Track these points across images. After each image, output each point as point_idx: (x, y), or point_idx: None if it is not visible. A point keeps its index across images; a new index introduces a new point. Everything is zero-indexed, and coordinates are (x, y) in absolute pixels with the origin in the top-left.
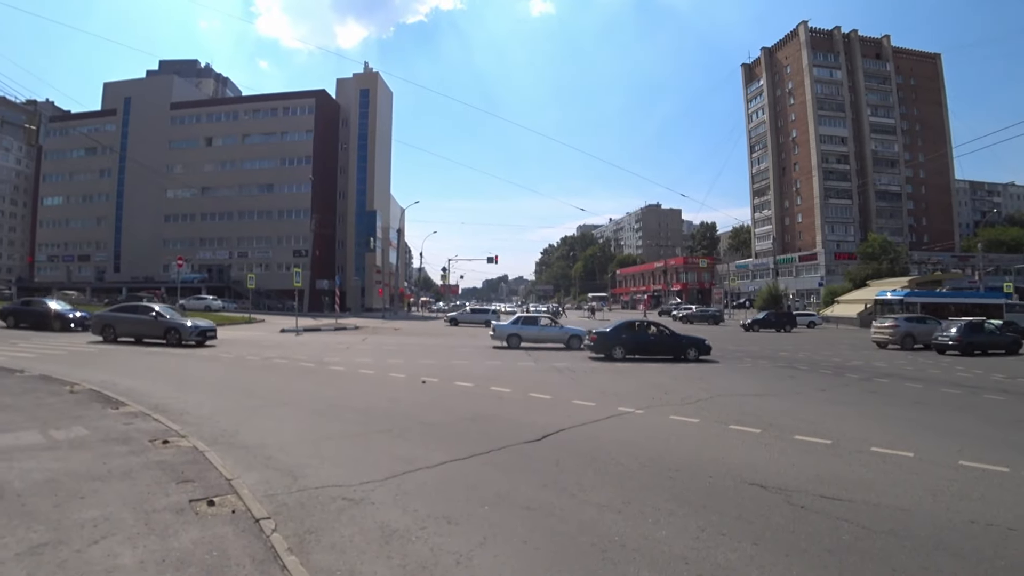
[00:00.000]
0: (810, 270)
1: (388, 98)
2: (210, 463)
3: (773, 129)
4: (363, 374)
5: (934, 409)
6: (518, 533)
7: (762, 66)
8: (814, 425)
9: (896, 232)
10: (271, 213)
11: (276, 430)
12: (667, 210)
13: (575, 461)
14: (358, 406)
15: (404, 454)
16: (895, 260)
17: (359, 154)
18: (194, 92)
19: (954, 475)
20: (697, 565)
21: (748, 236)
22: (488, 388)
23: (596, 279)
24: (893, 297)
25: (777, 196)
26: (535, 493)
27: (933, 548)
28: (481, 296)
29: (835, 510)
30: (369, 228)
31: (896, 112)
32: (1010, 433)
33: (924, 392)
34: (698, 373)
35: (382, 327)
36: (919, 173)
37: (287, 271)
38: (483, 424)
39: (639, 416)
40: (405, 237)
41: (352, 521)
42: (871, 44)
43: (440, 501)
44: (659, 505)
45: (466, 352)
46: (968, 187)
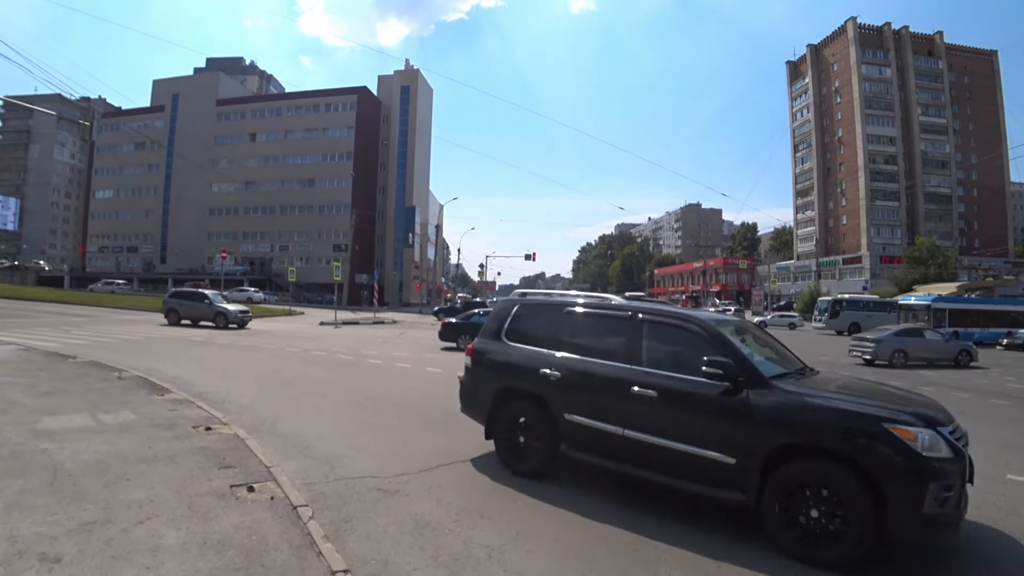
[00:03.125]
0: (854, 273)
1: (428, 95)
2: (250, 450)
3: (818, 128)
4: (400, 368)
5: (981, 419)
6: (551, 530)
7: (808, 63)
8: None
9: (945, 236)
10: (312, 208)
11: (314, 420)
12: (707, 210)
13: None
14: (394, 399)
15: (439, 447)
16: (943, 265)
17: (399, 150)
18: (239, 89)
19: (1002, 489)
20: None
21: (790, 237)
22: None
23: (634, 278)
24: (918, 303)
25: (821, 197)
26: (568, 490)
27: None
28: None
29: None
30: (408, 224)
31: (948, 111)
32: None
33: (970, 402)
34: None
35: (419, 322)
36: (971, 175)
37: (327, 265)
38: None
39: None
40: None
41: (387, 512)
42: (923, 41)
43: (473, 494)
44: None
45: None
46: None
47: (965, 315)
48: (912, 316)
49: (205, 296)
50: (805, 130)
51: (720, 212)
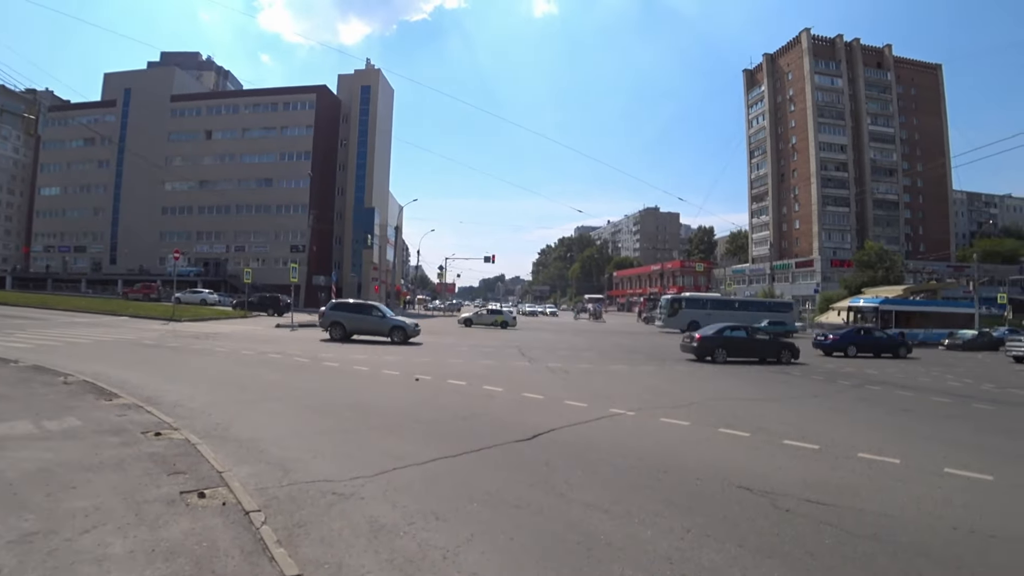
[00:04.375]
0: (806, 276)
1: (389, 95)
2: (202, 456)
3: (773, 135)
4: (357, 370)
5: (922, 417)
6: (505, 530)
7: (764, 72)
8: (803, 430)
9: (892, 241)
10: (269, 208)
11: (269, 424)
12: (665, 213)
13: (564, 461)
14: (351, 402)
15: (395, 450)
16: (891, 268)
17: (359, 151)
18: (195, 85)
19: (939, 482)
20: (681, 565)
21: (745, 241)
22: (481, 387)
23: (593, 280)
24: (867, 305)
25: (775, 202)
26: (523, 491)
27: (915, 554)
28: (477, 295)
29: (820, 514)
30: (367, 225)
31: (896, 121)
32: (997, 441)
33: (914, 400)
34: (693, 377)
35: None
36: (917, 182)
37: (284, 266)
38: (474, 422)
39: (630, 418)
40: (403, 235)
41: (341, 515)
42: (873, 53)
43: (429, 497)
44: (646, 506)
45: (461, 351)
46: (965, 198)
47: (910, 317)
48: (861, 318)
49: (375, 308)
50: (760, 137)
51: (678, 216)
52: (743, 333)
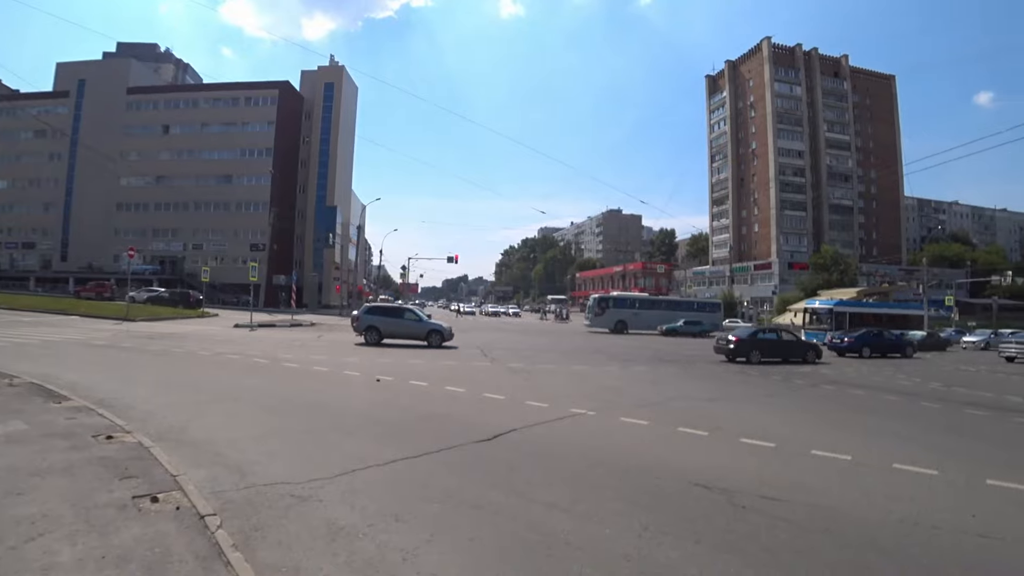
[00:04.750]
0: (765, 279)
1: (353, 93)
2: (155, 459)
3: (734, 140)
4: (317, 371)
5: (873, 414)
6: (465, 531)
7: (725, 78)
8: (760, 429)
9: (847, 244)
10: (228, 205)
11: (225, 426)
12: (628, 215)
13: (525, 461)
14: (310, 403)
15: (355, 452)
16: (845, 271)
17: (321, 148)
18: (152, 77)
19: (887, 477)
20: (639, 563)
21: (706, 244)
22: (443, 388)
23: (556, 282)
24: (822, 307)
25: (735, 206)
26: (484, 492)
27: (864, 546)
28: (440, 296)
29: (774, 510)
30: (329, 224)
31: (851, 129)
32: (942, 438)
33: (867, 399)
34: (654, 377)
35: (339, 324)
36: (870, 188)
37: (243, 265)
38: (436, 423)
39: (591, 418)
40: (365, 234)
41: (299, 518)
42: (830, 62)
43: (389, 499)
44: (605, 505)
45: (421, 352)
46: (916, 204)
47: (863, 318)
48: (816, 319)
49: (409, 311)
50: (721, 142)
51: (640, 218)
52: (774, 336)
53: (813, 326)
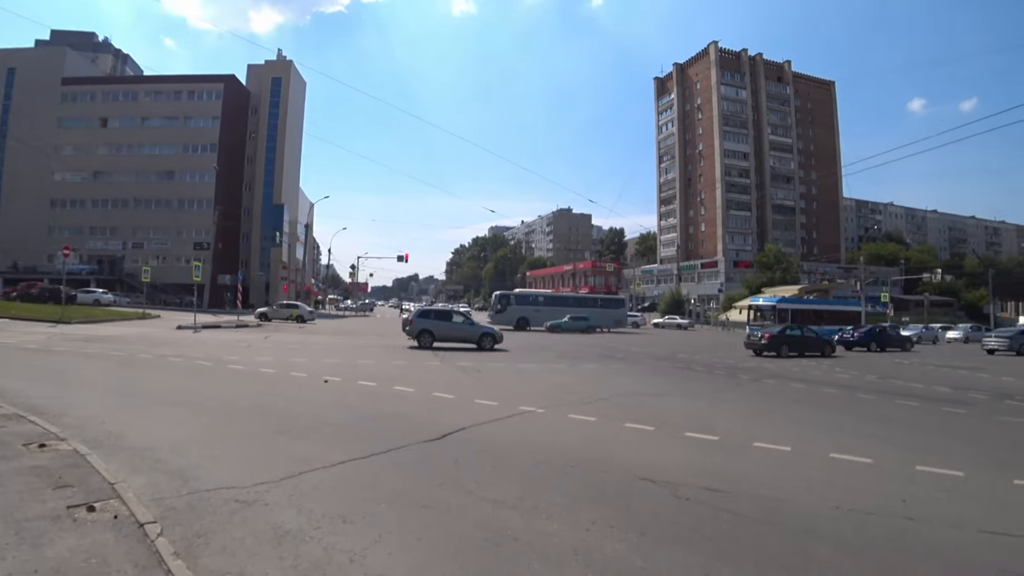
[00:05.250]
0: (711, 277)
1: (301, 88)
2: (92, 467)
3: (681, 141)
4: (264, 373)
5: (812, 407)
6: (413, 530)
7: (674, 81)
8: (704, 423)
9: (790, 243)
10: (171, 202)
11: (167, 431)
12: (578, 215)
13: (474, 459)
14: (256, 406)
15: (302, 454)
16: (788, 269)
17: (268, 145)
18: (89, 68)
19: (825, 467)
20: (586, 556)
21: (654, 243)
22: (392, 388)
23: (507, 280)
24: (766, 304)
25: (682, 205)
26: (432, 491)
27: (802, 532)
28: (391, 295)
29: (717, 501)
30: (276, 222)
31: (793, 132)
32: (876, 428)
33: (806, 392)
34: (602, 375)
35: (286, 325)
36: (811, 190)
37: (186, 264)
38: (384, 423)
39: (540, 415)
40: (313, 232)
41: (244, 523)
42: (774, 68)
43: (336, 501)
44: (553, 500)
45: (373, 352)
46: (854, 205)
47: (805, 315)
48: (760, 315)
49: (459, 314)
50: (670, 143)
51: (590, 217)
52: (799, 332)
53: (757, 322)
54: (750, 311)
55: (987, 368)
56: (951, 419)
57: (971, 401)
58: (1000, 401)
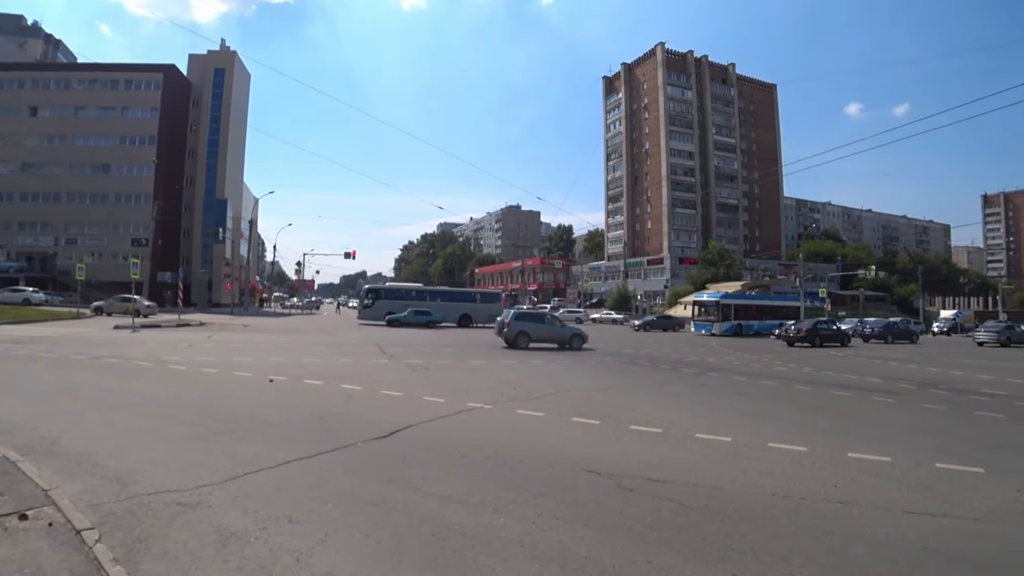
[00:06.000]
0: (657, 273)
1: (245, 80)
2: (24, 474)
3: (628, 140)
4: (206, 373)
5: (752, 399)
6: (360, 528)
7: (621, 80)
8: (649, 416)
9: (733, 241)
10: (107, 196)
11: (105, 435)
12: (526, 212)
13: (421, 456)
14: (199, 407)
15: (246, 455)
16: (731, 266)
17: (210, 138)
18: (17, 53)
19: (763, 456)
20: (532, 547)
21: (602, 240)
22: (338, 386)
23: (455, 277)
24: (710, 299)
25: (629, 203)
26: (379, 488)
27: (740, 519)
28: (339, 292)
29: (660, 491)
30: (219, 218)
31: (737, 132)
32: (812, 418)
33: (747, 384)
34: (550, 370)
35: (230, 323)
36: (754, 189)
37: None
38: (331, 422)
39: (487, 411)
40: (258, 229)
41: (187, 526)
42: (719, 69)
43: (282, 501)
44: (500, 494)
45: (318, 350)
46: (794, 204)
47: (747, 309)
48: (704, 311)
49: (551, 316)
50: (617, 141)
51: (539, 214)
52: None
53: (702, 317)
54: (695, 307)
55: (915, 360)
56: (880, 408)
57: (899, 391)
58: (925, 390)
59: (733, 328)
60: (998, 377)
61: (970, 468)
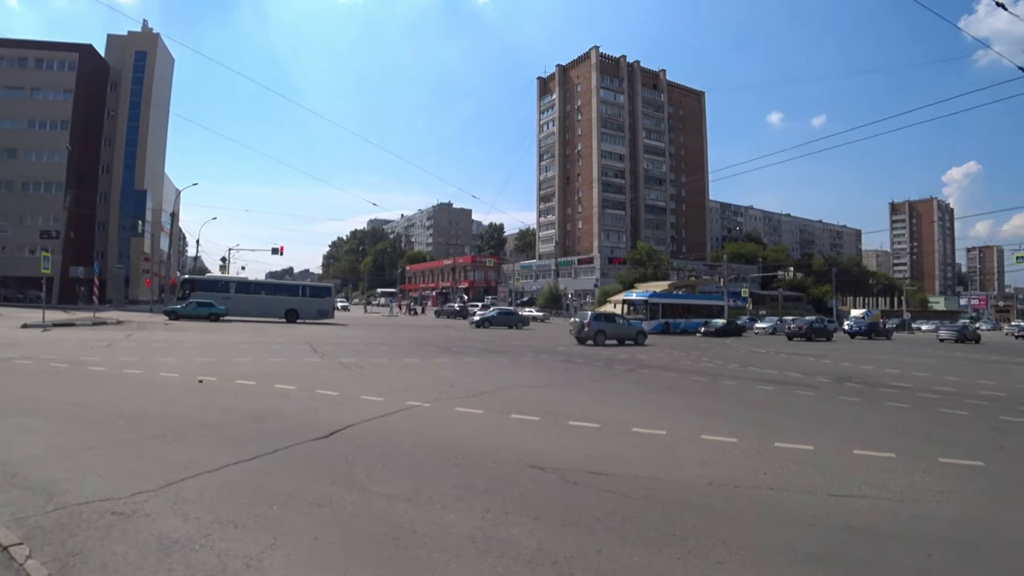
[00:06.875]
0: (587, 272)
1: (169, 65)
2: None
3: (561, 141)
4: (129, 374)
5: (683, 393)
6: (309, 530)
7: (556, 81)
8: (586, 411)
9: (660, 242)
10: (12, 184)
11: (22, 443)
12: (458, 209)
13: (364, 455)
14: (125, 410)
15: (182, 460)
16: (659, 266)
17: (130, 124)
18: None
19: (697, 447)
20: (483, 542)
21: (533, 239)
22: (272, 386)
23: (386, 274)
24: (638, 298)
25: (561, 203)
26: (325, 489)
27: (680, 507)
28: None
29: (603, 484)
30: (137, 210)
31: (666, 137)
32: (739, 411)
33: (677, 380)
34: (485, 368)
35: (151, 322)
36: (681, 192)
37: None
38: (268, 423)
39: (427, 409)
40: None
41: (124, 536)
42: (650, 75)
43: (224, 506)
44: (447, 492)
45: (247, 349)
46: (719, 207)
47: (674, 308)
48: (633, 309)
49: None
50: (550, 141)
51: (470, 212)
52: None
53: (631, 316)
54: (623, 305)
55: (830, 355)
56: (802, 400)
57: (818, 384)
58: (841, 384)
59: (661, 326)
60: (903, 371)
61: (883, 453)
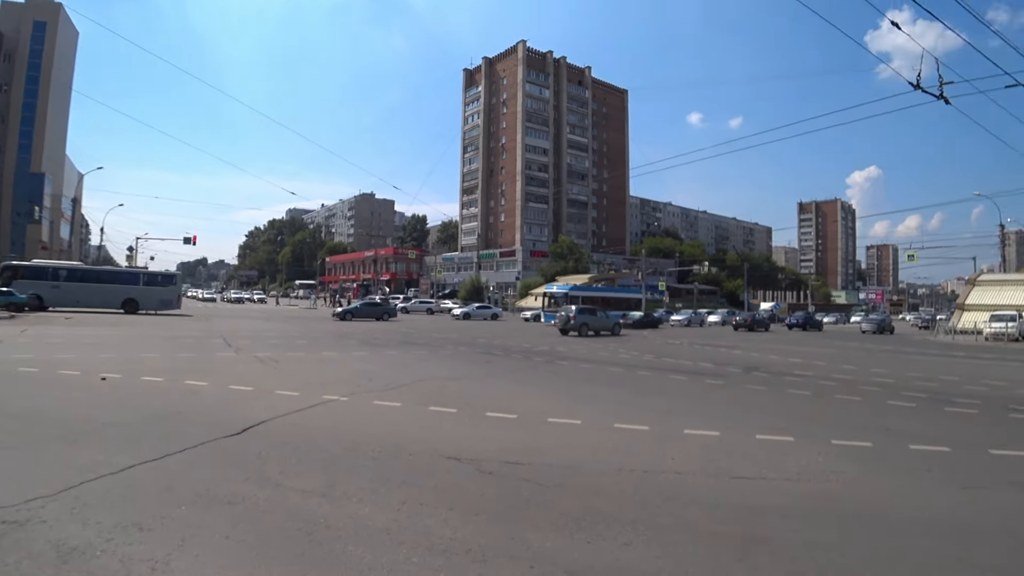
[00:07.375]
0: (509, 265)
1: (72, 38)
2: None
3: (486, 134)
4: (24, 372)
5: (599, 384)
6: (220, 529)
7: (482, 74)
8: (504, 403)
9: (582, 236)
10: None
11: None
12: (380, 200)
13: (278, 451)
14: (18, 411)
15: (82, 461)
16: (580, 260)
17: (26, 101)
18: None
19: (610, 436)
20: (398, 534)
21: (455, 231)
22: (182, 382)
23: (305, 265)
24: (559, 291)
25: (484, 196)
26: (237, 487)
27: (592, 493)
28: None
29: (517, 473)
30: (34, 194)
31: (589, 133)
32: (651, 400)
33: (594, 371)
34: (403, 360)
35: (48, 316)
36: (603, 187)
37: None
38: (177, 421)
39: (344, 403)
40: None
41: (17, 545)
42: (576, 71)
43: (128, 508)
44: (363, 485)
45: (155, 343)
46: (639, 203)
47: (593, 301)
48: (554, 302)
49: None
50: (475, 134)
51: (393, 203)
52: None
53: (551, 308)
54: (545, 298)
55: (742, 346)
56: (711, 389)
57: (727, 374)
58: (749, 373)
59: None
60: (806, 360)
61: (783, 437)
